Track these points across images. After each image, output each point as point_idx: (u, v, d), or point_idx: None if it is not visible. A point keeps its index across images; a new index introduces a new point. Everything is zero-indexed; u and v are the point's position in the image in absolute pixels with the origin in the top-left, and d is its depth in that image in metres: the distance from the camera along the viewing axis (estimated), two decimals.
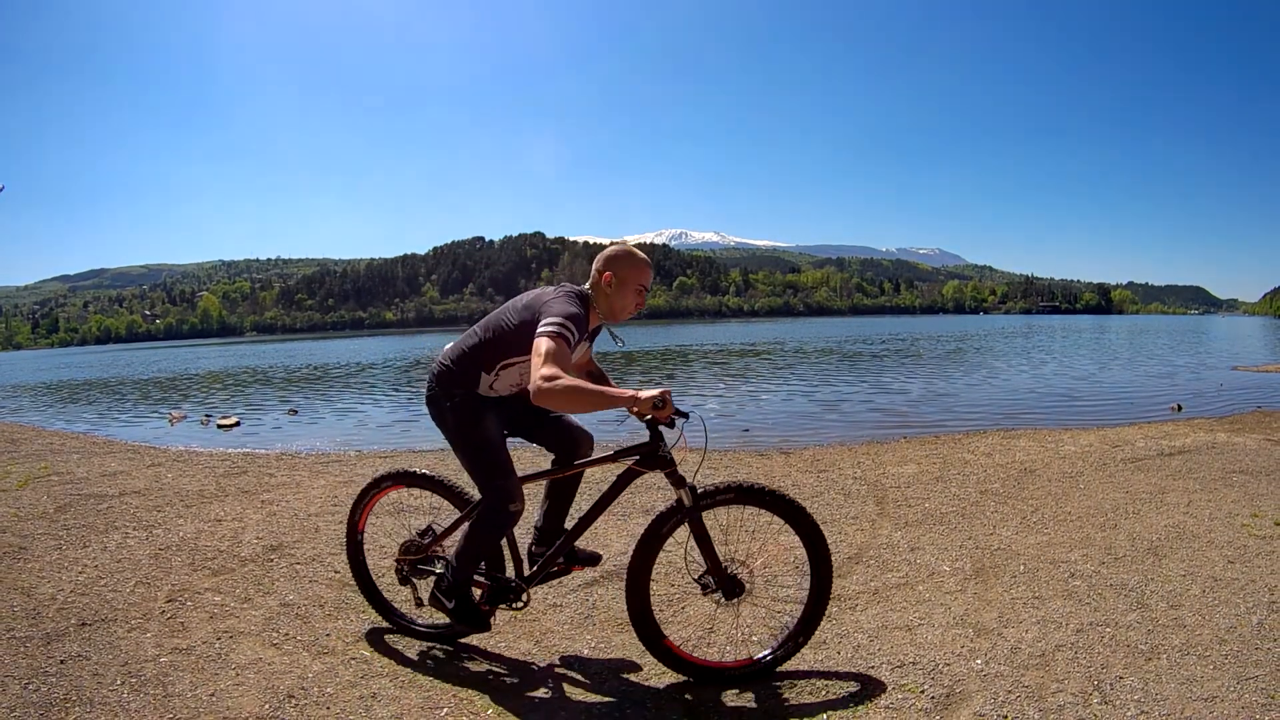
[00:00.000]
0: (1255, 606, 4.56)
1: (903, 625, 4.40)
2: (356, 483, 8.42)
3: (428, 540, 4.12)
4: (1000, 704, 3.52)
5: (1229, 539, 5.88)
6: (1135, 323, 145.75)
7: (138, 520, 6.87)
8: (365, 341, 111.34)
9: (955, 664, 3.91)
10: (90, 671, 3.85)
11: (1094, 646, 4.09)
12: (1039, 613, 4.54)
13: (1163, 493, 7.39)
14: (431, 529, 4.16)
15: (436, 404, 3.82)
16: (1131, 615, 4.50)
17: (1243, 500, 7.02)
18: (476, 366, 3.75)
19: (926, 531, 6.30)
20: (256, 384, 32.03)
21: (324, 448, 12.68)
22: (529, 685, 3.76)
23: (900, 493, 7.66)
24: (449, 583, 3.82)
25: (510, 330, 3.69)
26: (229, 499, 7.69)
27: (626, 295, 3.76)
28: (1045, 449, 10.05)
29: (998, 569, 5.33)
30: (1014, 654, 4.02)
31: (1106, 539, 5.99)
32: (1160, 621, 4.40)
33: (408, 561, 4.13)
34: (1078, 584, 5.03)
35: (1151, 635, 4.21)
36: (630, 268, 3.76)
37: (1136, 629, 4.30)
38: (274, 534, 6.35)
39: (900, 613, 4.58)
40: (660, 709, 3.55)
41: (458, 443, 3.79)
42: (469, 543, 3.76)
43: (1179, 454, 9.37)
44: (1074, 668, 3.86)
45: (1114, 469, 8.58)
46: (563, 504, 4.22)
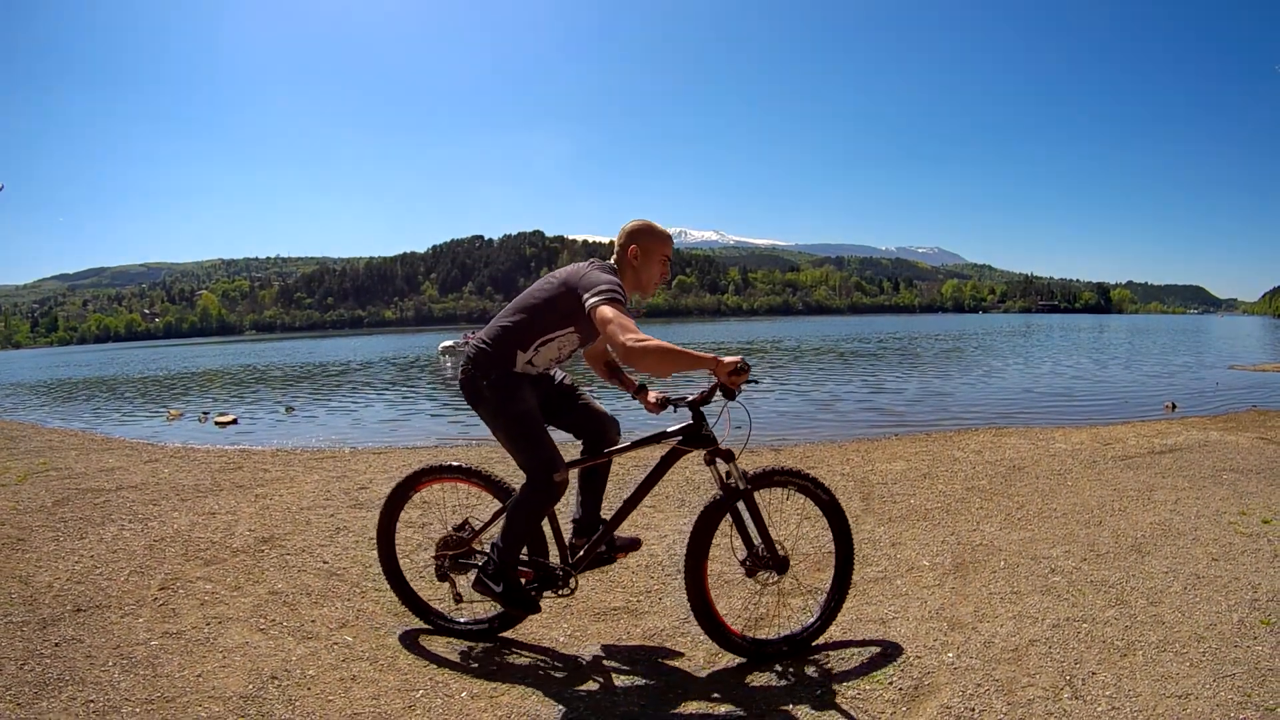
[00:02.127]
0: (1237, 604, 4.49)
1: (877, 619, 4.39)
2: (350, 478, 8.51)
3: (466, 535, 4.11)
4: (969, 697, 3.48)
5: (1215, 536, 5.81)
6: (1134, 322, 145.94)
7: (133, 513, 6.91)
8: (364, 340, 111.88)
9: (926, 657, 3.88)
10: (83, 654, 3.95)
11: (1069, 642, 4.05)
12: (1016, 608, 4.50)
13: (1151, 490, 7.32)
14: (468, 523, 4.15)
15: (472, 385, 3.80)
16: (1110, 611, 4.44)
17: (1231, 498, 6.96)
18: (514, 345, 3.77)
19: (909, 527, 6.27)
20: (254, 382, 32.45)
21: (319, 444, 12.87)
22: (503, 671, 3.84)
23: (886, 489, 7.60)
24: (495, 565, 3.82)
25: (547, 305, 3.73)
26: (223, 493, 7.76)
27: (653, 266, 3.87)
28: (1036, 447, 9.99)
29: (978, 564, 5.30)
30: (987, 648, 3.99)
31: (1090, 536, 5.94)
32: (1138, 618, 4.34)
33: (447, 557, 4.11)
34: (1057, 580, 4.99)
35: (1129, 632, 4.16)
36: (654, 239, 3.86)
37: (1113, 625, 4.25)
38: (266, 526, 6.41)
39: (875, 606, 4.56)
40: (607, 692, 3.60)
41: (497, 419, 3.79)
42: (514, 519, 3.79)
43: (1170, 452, 9.31)
44: (1047, 662, 3.82)
45: (1103, 467, 8.52)
46: (596, 493, 4.26)
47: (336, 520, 6.59)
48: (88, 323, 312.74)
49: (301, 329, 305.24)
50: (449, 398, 22.88)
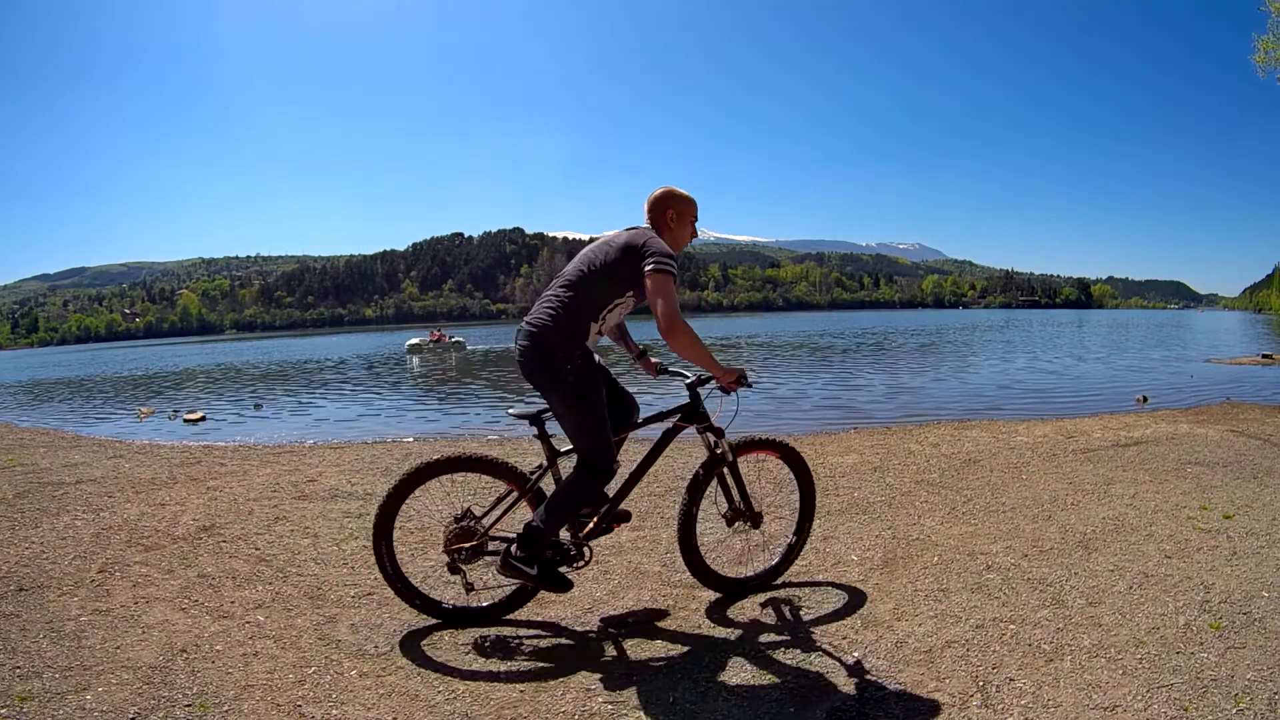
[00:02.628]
0: (1185, 606, 4.14)
1: (791, 616, 4.23)
2: (301, 471, 8.59)
3: (473, 525, 4.09)
4: (863, 702, 3.22)
5: (1170, 532, 5.48)
6: (1114, 317, 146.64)
7: (88, 504, 7.07)
8: (341, 338, 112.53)
9: (826, 657, 3.70)
10: (18, 627, 4.17)
11: (990, 644, 3.74)
12: (940, 606, 4.26)
13: (1109, 484, 7.00)
14: (470, 513, 4.13)
15: (553, 368, 3.81)
16: (1043, 612, 4.13)
17: (1194, 492, 6.63)
18: (586, 317, 3.85)
19: (846, 521, 6.03)
20: (228, 380, 32.81)
21: (279, 440, 13.15)
22: (396, 651, 3.93)
23: (833, 482, 7.30)
24: (535, 542, 3.89)
25: (610, 271, 3.83)
26: (177, 486, 7.90)
27: (686, 228, 4.13)
28: (996, 439, 9.69)
29: (909, 560, 5.07)
30: (897, 649, 3.73)
31: (1036, 531, 5.63)
32: (1073, 620, 4.02)
33: (459, 550, 4.07)
34: (992, 577, 4.68)
35: (1059, 635, 3.84)
36: (687, 203, 4.11)
37: (1044, 627, 3.93)
38: (209, 516, 6.55)
39: (790, 603, 4.41)
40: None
41: (574, 403, 3.83)
42: (567, 499, 3.88)
43: (1135, 445, 9.00)
44: (961, 666, 3.52)
45: (1062, 460, 8.21)
46: None
47: (278, 511, 6.71)
48: (68, 323, 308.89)
49: (282, 328, 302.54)
50: (410, 394, 22.88)
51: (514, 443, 10.69)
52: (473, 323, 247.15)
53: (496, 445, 10.59)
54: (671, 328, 3.61)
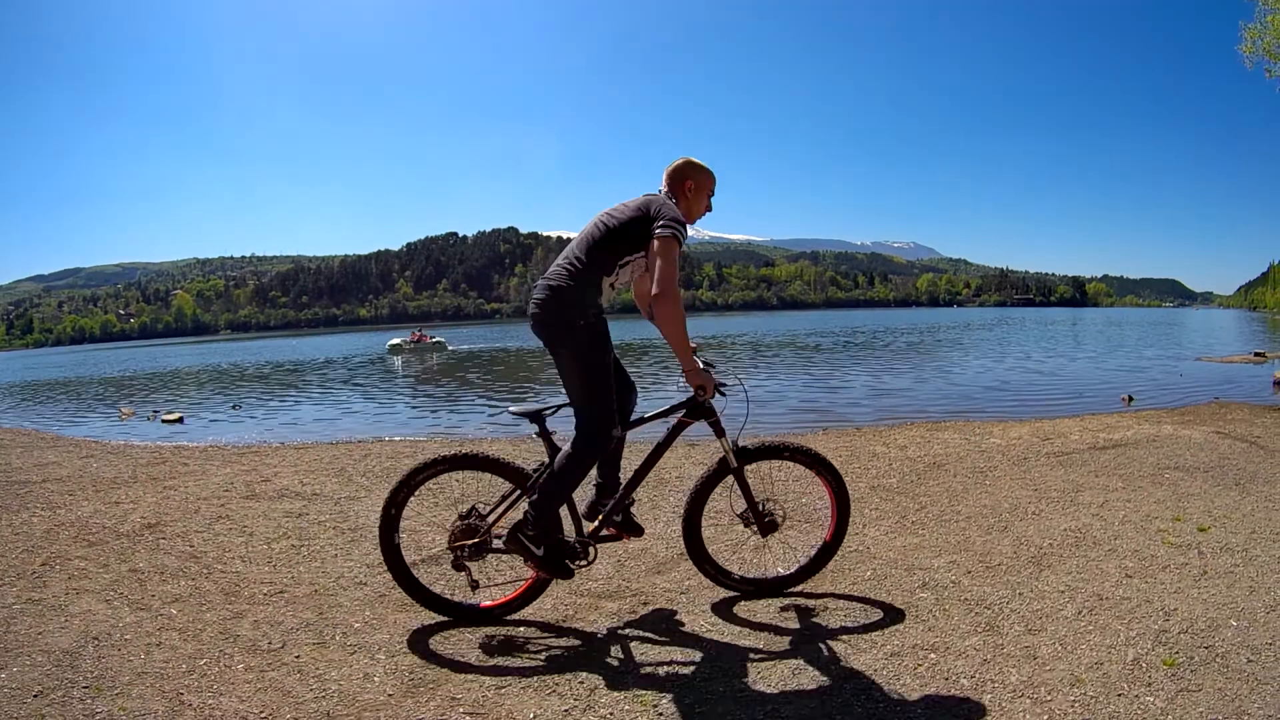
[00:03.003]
0: (1138, 636, 3.66)
1: (691, 631, 4.05)
2: (258, 471, 8.61)
3: (477, 522, 4.10)
4: None
5: (1136, 547, 5.01)
6: (1109, 315, 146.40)
7: (48, 502, 7.24)
8: (333, 338, 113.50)
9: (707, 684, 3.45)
10: None
11: (901, 675, 3.35)
12: (858, 627, 3.97)
13: (1077, 491, 6.54)
14: (476, 510, 4.14)
15: (566, 325, 3.86)
16: (972, 639, 3.71)
17: (1169, 500, 6.16)
18: (598, 271, 3.89)
19: (784, 530, 5.43)
20: (213, 381, 33.23)
21: (249, 440, 13.31)
22: (285, 648, 3.97)
23: (781, 486, 6.73)
24: (536, 524, 3.91)
25: (627, 228, 3.87)
26: (137, 484, 8.00)
27: (702, 199, 4.16)
28: (967, 442, 9.23)
29: (839, 574, 4.74)
30: (793, 676, 3.44)
31: (988, 543, 5.21)
32: (1005, 649, 3.59)
33: (465, 546, 4.07)
34: (925, 596, 4.31)
35: (985, 667, 3.40)
36: (706, 175, 4.14)
37: (969, 658, 3.50)
38: (157, 514, 6.65)
39: (696, 616, 4.21)
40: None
41: (580, 362, 3.87)
42: (563, 472, 3.88)
43: (1113, 448, 8.52)
44: (858, 701, 3.15)
45: (1032, 464, 7.75)
46: (614, 459, 4.34)
47: (224, 510, 6.77)
48: (63, 324, 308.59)
49: (276, 328, 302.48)
50: (387, 395, 22.89)
51: (499, 442, 10.83)
52: (467, 322, 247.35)
53: (495, 445, 10.27)
54: (664, 292, 3.67)
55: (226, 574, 5.03)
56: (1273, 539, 5.08)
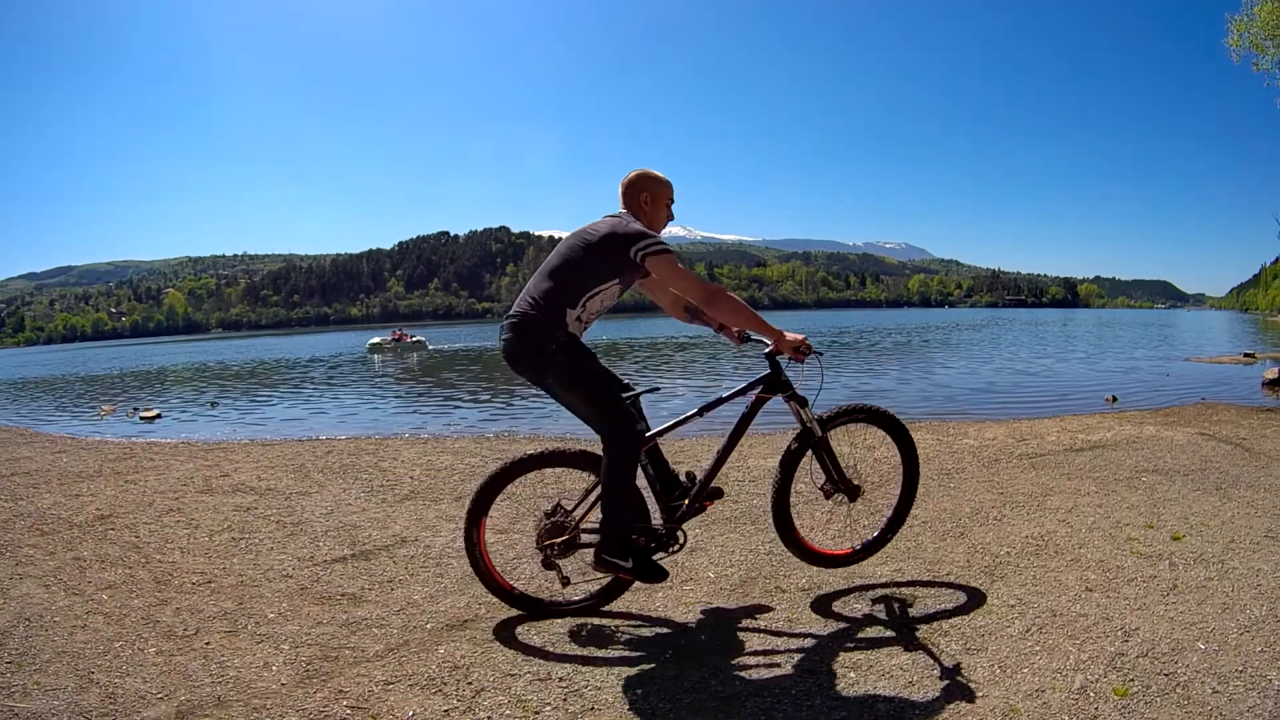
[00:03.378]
0: (1091, 660, 3.25)
1: (592, 635, 3.94)
2: (219, 467, 8.68)
3: (563, 519, 4.04)
4: None
5: (1102, 557, 4.62)
6: (1100, 316, 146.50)
7: (12, 494, 7.41)
8: (322, 337, 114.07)
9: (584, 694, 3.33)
10: None
11: (811, 698, 3.06)
12: (767, 645, 3.73)
13: (1046, 495, 6.17)
14: (561, 507, 4.08)
15: (538, 352, 3.78)
16: (900, 659, 3.37)
17: (1143, 506, 5.77)
18: (562, 304, 3.79)
19: (726, 532, 5.49)
20: (198, 379, 33.58)
21: (220, 437, 13.47)
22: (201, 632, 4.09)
23: (736, 488, 6.63)
24: (614, 537, 3.83)
25: (593, 259, 3.79)
26: (100, 478, 8.16)
27: (661, 210, 4.06)
28: (939, 442, 8.85)
29: (769, 581, 4.53)
30: (686, 695, 3.24)
31: (940, 551, 4.86)
32: (934, 672, 3.26)
33: (553, 545, 4.02)
34: (857, 608, 4.06)
35: (906, 691, 3.09)
36: (660, 185, 4.06)
37: (891, 679, 3.17)
38: (112, 506, 6.78)
39: (606, 620, 4.09)
40: None
41: (570, 381, 3.81)
42: (611, 483, 3.79)
43: (1091, 449, 8.15)
44: None
45: (1003, 466, 7.37)
46: (658, 455, 4.21)
47: (178, 503, 6.84)
48: (55, 322, 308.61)
49: (268, 326, 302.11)
50: (364, 394, 22.90)
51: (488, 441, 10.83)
52: (458, 321, 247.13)
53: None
54: (711, 296, 3.75)
55: (163, 564, 5.13)
56: (1252, 549, 4.69)
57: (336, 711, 3.13)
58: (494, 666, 3.52)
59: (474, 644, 3.77)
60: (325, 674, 3.46)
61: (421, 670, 3.48)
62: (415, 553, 5.25)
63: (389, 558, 5.16)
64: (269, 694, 3.28)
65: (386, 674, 3.44)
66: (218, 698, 3.26)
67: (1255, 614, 3.70)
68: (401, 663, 3.56)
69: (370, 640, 3.83)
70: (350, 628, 3.99)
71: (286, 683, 3.38)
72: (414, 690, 3.29)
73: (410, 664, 3.55)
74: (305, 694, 3.27)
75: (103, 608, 4.33)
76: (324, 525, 5.98)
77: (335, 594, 4.50)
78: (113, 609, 4.31)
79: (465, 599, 4.34)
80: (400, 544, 5.43)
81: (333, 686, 3.33)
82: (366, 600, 4.39)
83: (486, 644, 3.78)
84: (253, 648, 3.76)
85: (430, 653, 3.67)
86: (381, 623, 4.06)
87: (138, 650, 3.75)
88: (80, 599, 4.46)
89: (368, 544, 5.43)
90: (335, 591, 4.55)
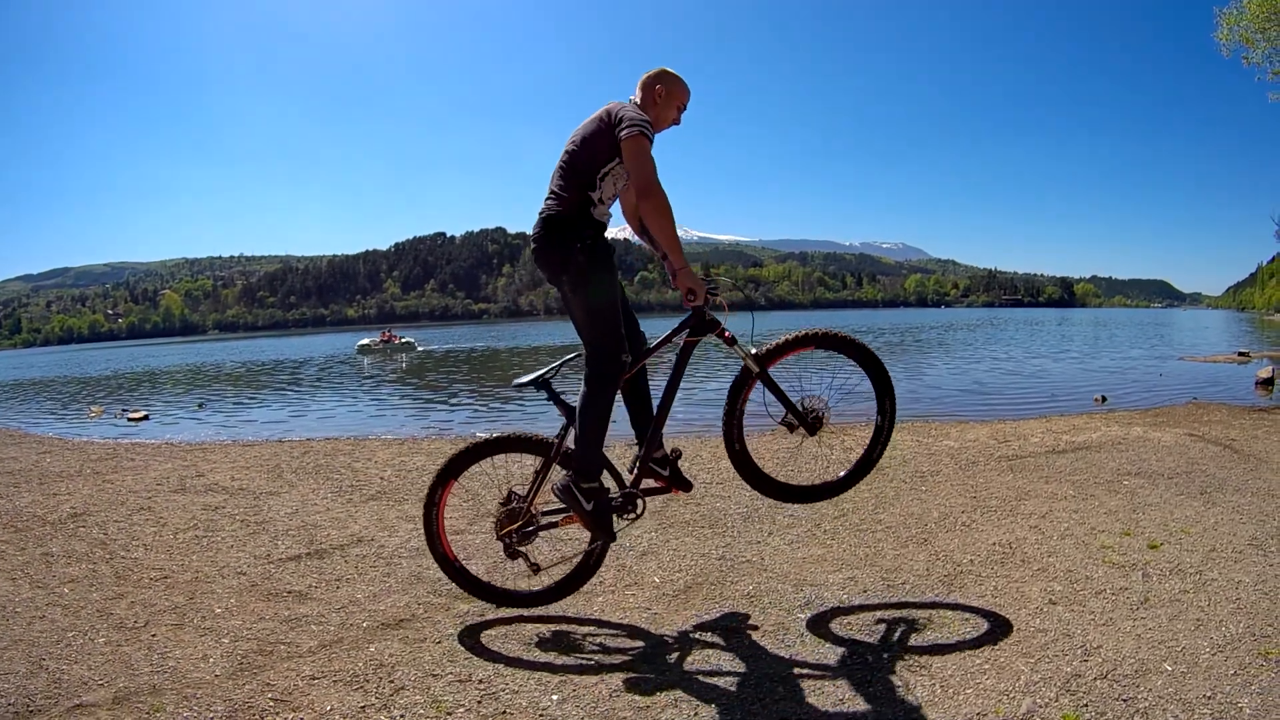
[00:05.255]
0: (1044, 680, 2.99)
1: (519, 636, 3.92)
2: (195, 467, 8.70)
3: (518, 505, 4.03)
4: None
5: (1071, 566, 4.36)
6: (1097, 315, 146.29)
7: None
8: (317, 338, 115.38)
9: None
10: None
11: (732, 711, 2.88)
12: (692, 658, 3.58)
13: (1020, 499, 5.91)
14: (514, 494, 4.08)
15: (562, 248, 3.78)
16: (829, 676, 3.19)
17: (1122, 511, 5.50)
18: (583, 186, 3.80)
19: (680, 535, 5.37)
20: (190, 381, 33.88)
21: (203, 438, 13.39)
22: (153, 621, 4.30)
23: (702, 490, 6.48)
24: (585, 467, 3.81)
25: (597, 136, 3.77)
26: (79, 478, 8.26)
27: (670, 109, 4.01)
28: (919, 444, 8.60)
29: (715, 587, 4.40)
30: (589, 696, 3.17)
31: (900, 558, 4.64)
32: (871, 691, 3.06)
33: (511, 533, 4.02)
34: (800, 618, 3.88)
35: (835, 712, 2.86)
36: (678, 85, 4.02)
37: (822, 697, 2.97)
38: (86, 505, 6.89)
39: (534, 625, 4.02)
40: None
41: (583, 286, 3.79)
42: (588, 404, 3.79)
43: (1074, 451, 7.88)
44: None
45: (980, 469, 7.12)
46: (643, 402, 4.19)
47: (149, 502, 6.92)
48: (51, 324, 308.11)
49: (264, 328, 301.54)
50: (348, 395, 22.84)
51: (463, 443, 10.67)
52: (455, 322, 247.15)
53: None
54: (645, 188, 3.61)
55: (126, 560, 5.25)
56: (1234, 558, 4.42)
57: (260, 703, 3.19)
58: (419, 666, 3.52)
59: (405, 643, 3.77)
60: (257, 667, 3.53)
61: (348, 667, 3.51)
62: (368, 552, 5.26)
63: (342, 557, 5.18)
64: (201, 684, 3.38)
65: (314, 669, 3.49)
66: (154, 686, 3.38)
67: (1231, 632, 3.44)
68: (331, 659, 3.60)
69: (306, 636, 3.87)
70: (290, 624, 4.04)
71: (220, 674, 3.48)
72: (336, 686, 3.33)
73: (339, 660, 3.58)
74: (234, 685, 3.35)
75: (62, 600, 4.49)
76: (286, 525, 6.01)
77: (283, 591, 4.56)
78: (72, 601, 4.46)
79: (406, 599, 4.36)
80: (356, 543, 5.44)
81: (261, 679, 3.40)
82: (311, 598, 4.43)
83: (417, 644, 3.77)
84: (195, 640, 3.85)
85: (361, 650, 3.69)
86: (321, 620, 4.10)
87: (89, 640, 3.89)
88: (43, 592, 4.63)
89: (324, 543, 5.48)
90: (283, 589, 4.60)
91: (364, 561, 5.07)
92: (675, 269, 3.74)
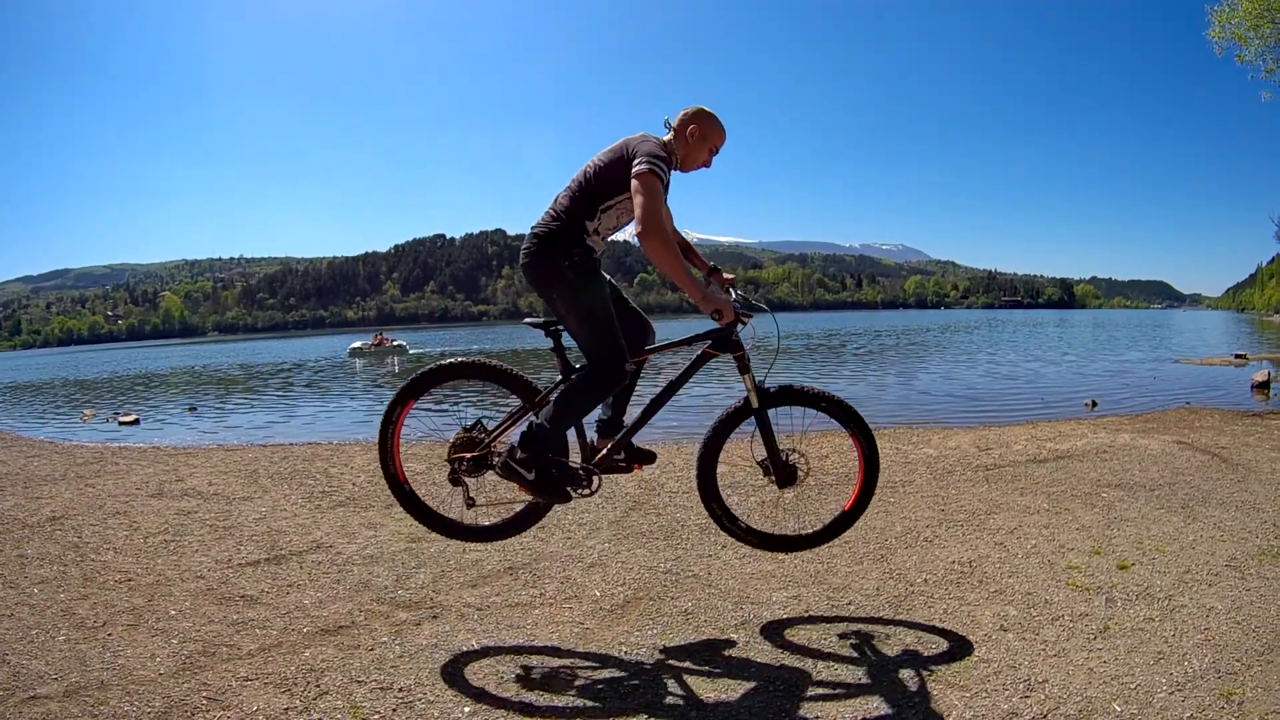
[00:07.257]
0: (975, 719, 2.75)
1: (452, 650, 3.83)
2: (175, 471, 8.69)
3: (480, 435, 4.02)
4: None
5: (1031, 588, 4.13)
6: (1096, 317, 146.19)
7: None
8: (315, 341, 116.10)
9: None
10: None
11: None
12: (614, 678, 3.49)
13: (990, 512, 5.68)
14: (481, 424, 4.08)
15: (551, 263, 3.78)
16: (743, 707, 3.06)
17: (1096, 527, 5.27)
18: (580, 215, 3.80)
19: (634, 547, 5.26)
20: (184, 384, 33.88)
21: (188, 442, 13.30)
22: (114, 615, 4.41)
23: (665, 499, 6.40)
24: (537, 441, 3.80)
25: (609, 169, 3.76)
26: (63, 482, 8.24)
27: (702, 150, 3.98)
28: (896, 451, 8.37)
29: (654, 602, 4.29)
30: None
31: (851, 576, 4.48)
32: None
33: (464, 459, 3.99)
34: (734, 637, 3.76)
35: None
36: (714, 128, 3.98)
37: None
38: (65, 508, 6.91)
39: (449, 638, 3.93)
40: None
41: (575, 302, 3.79)
42: (572, 401, 3.81)
43: (1055, 460, 7.65)
44: None
45: (954, 479, 6.89)
46: (624, 395, 4.25)
47: (126, 505, 6.93)
48: (51, 325, 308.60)
49: (264, 330, 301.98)
50: (337, 399, 22.87)
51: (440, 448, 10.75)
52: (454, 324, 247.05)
53: None
54: (646, 229, 3.54)
55: (95, 562, 5.28)
56: (1208, 581, 4.18)
57: (194, 701, 3.28)
58: (346, 672, 3.54)
59: (339, 649, 3.79)
60: (198, 667, 3.61)
61: (281, 670, 3.56)
62: (325, 559, 5.26)
63: (298, 563, 5.18)
64: (145, 681, 3.48)
65: (250, 671, 3.55)
66: (102, 681, 3.50)
67: (1194, 668, 3.19)
68: (267, 662, 3.65)
69: (249, 640, 3.92)
70: (236, 627, 4.09)
71: (164, 673, 3.56)
72: (266, 688, 3.39)
73: (274, 664, 3.63)
74: (175, 684, 3.45)
75: (31, 600, 4.57)
76: (252, 530, 6.00)
77: (236, 595, 4.58)
78: (39, 601, 4.55)
79: (350, 606, 4.37)
80: (315, 549, 5.45)
81: (200, 679, 3.49)
82: (261, 602, 4.46)
83: (350, 650, 3.78)
84: (146, 640, 3.92)
85: (297, 655, 3.73)
86: (265, 624, 4.13)
87: (50, 637, 4.00)
88: (14, 591, 4.72)
89: (285, 549, 5.49)
90: (236, 593, 4.62)
91: (318, 568, 5.07)
92: (696, 299, 3.66)
